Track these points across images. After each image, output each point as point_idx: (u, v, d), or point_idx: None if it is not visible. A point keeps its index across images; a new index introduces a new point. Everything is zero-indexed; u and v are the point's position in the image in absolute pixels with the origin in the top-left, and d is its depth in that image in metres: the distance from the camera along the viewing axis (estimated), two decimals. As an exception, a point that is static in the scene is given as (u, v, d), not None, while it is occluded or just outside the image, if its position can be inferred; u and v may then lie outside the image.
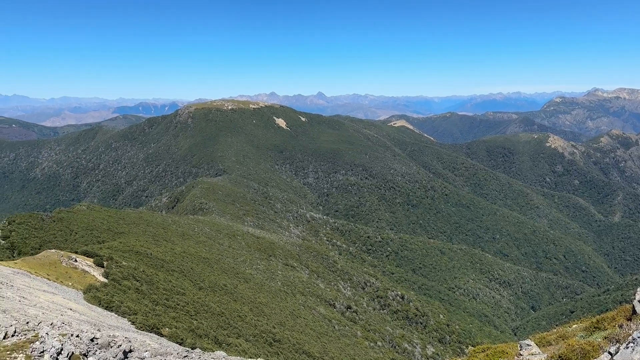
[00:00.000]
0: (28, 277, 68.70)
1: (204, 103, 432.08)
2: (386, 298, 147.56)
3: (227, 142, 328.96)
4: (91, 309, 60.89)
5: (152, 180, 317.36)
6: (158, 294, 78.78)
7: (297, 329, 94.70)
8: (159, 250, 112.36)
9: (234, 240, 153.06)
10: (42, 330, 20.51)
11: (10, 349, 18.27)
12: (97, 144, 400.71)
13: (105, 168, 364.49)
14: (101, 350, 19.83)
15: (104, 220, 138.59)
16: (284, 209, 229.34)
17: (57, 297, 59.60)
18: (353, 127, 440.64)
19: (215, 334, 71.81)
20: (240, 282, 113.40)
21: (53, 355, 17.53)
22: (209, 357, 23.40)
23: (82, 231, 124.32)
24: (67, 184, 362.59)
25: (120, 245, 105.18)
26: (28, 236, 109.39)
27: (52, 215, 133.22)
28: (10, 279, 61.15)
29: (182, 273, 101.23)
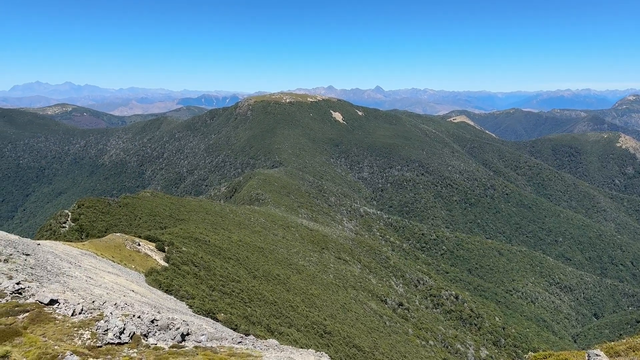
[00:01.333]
0: (94, 258, 72.81)
1: (263, 96, 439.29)
2: (439, 297, 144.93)
3: (284, 134, 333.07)
4: (152, 291, 63.74)
5: (212, 170, 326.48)
6: (215, 280, 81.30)
7: (347, 322, 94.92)
8: (216, 238, 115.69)
9: (288, 232, 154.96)
10: (106, 309, 21.68)
11: (78, 325, 19.47)
12: (162, 134, 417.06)
13: (169, 157, 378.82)
14: (160, 332, 20.71)
15: (166, 207, 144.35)
16: (338, 202, 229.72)
17: (120, 279, 62.83)
18: (410, 122, 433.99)
19: (268, 322, 73.23)
20: (293, 273, 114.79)
21: (116, 334, 18.50)
22: (262, 345, 23.85)
23: (145, 216, 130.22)
24: (132, 171, 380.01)
25: (180, 231, 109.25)
26: (95, 219, 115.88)
27: (118, 201, 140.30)
28: (78, 260, 65.03)
29: (238, 261, 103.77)
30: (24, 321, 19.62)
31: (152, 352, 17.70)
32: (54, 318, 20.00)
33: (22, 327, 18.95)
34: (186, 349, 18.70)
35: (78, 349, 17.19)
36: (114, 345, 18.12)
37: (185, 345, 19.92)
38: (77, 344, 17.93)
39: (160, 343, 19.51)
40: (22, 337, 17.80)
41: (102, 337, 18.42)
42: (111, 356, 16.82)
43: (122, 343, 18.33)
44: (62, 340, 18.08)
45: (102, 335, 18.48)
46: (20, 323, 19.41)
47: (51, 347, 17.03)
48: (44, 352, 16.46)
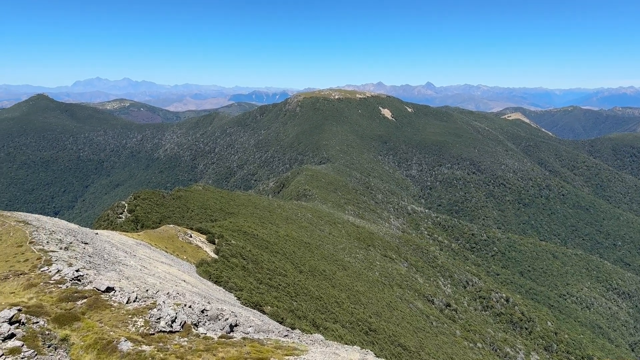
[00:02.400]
0: (149, 248, 75.48)
1: (312, 92, 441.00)
2: (489, 299, 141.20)
3: (332, 130, 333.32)
4: (202, 282, 65.44)
5: (261, 165, 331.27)
6: (262, 273, 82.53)
7: (393, 321, 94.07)
8: (264, 232, 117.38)
9: (335, 228, 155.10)
10: (159, 298, 22.37)
11: (132, 313, 20.19)
12: (214, 129, 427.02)
13: (220, 152, 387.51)
14: (210, 322, 21.18)
15: (217, 201, 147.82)
16: (385, 200, 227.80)
17: (172, 269, 64.85)
18: (462, 119, 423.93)
19: (314, 317, 73.63)
20: (338, 269, 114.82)
21: (168, 323, 19.05)
22: (307, 339, 23.94)
23: (197, 209, 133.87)
24: (186, 164, 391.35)
25: (230, 224, 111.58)
26: (150, 211, 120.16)
27: (171, 193, 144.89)
28: (133, 249, 67.61)
29: (285, 255, 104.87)
30: (82, 307, 20.54)
31: (201, 341, 18.11)
32: (110, 305, 20.83)
33: (80, 312, 19.83)
34: (234, 340, 19.00)
35: (132, 335, 17.82)
36: (166, 333, 18.67)
37: (233, 336, 20.27)
38: (131, 331, 18.59)
39: (210, 333, 19.93)
40: (80, 322, 18.63)
41: (155, 325, 19.01)
42: (163, 344, 17.33)
43: (173, 331, 18.86)
44: (117, 327, 18.80)
45: (155, 323, 19.07)
46: (79, 309, 20.32)
47: (107, 332, 17.73)
48: (100, 337, 17.15)
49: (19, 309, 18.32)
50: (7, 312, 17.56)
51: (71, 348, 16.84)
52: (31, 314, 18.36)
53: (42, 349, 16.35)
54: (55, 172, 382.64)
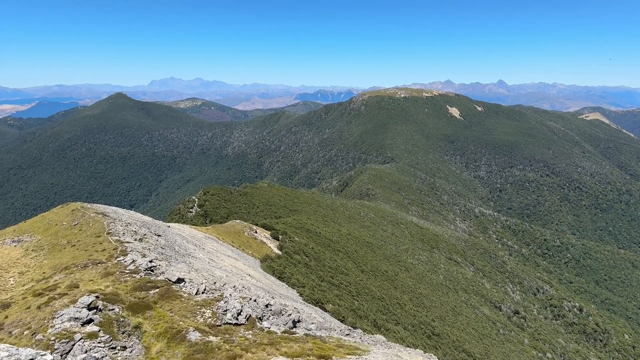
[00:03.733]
0: (216, 242, 78.02)
1: (378, 91, 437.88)
2: (561, 308, 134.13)
3: (397, 130, 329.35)
4: (266, 277, 66.79)
5: (324, 163, 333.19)
6: (324, 271, 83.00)
7: (457, 326, 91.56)
8: (327, 230, 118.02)
9: (398, 228, 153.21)
10: (226, 291, 22.98)
11: (200, 304, 20.86)
12: (280, 128, 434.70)
13: (285, 150, 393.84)
14: (274, 317, 21.48)
15: (281, 198, 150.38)
16: (451, 201, 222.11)
17: (238, 263, 66.65)
18: (536, 118, 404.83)
19: (375, 317, 73.09)
20: (401, 270, 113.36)
21: (234, 315, 19.50)
22: (369, 339, 23.73)
23: (262, 205, 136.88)
24: (252, 162, 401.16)
25: (293, 221, 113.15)
26: (218, 206, 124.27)
27: (238, 190, 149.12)
28: (202, 243, 70.11)
29: (347, 254, 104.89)
30: (154, 296, 21.47)
31: (265, 335, 18.39)
32: (180, 295, 21.64)
33: (152, 301, 20.75)
34: (297, 336, 19.14)
35: (200, 326, 18.40)
36: (232, 325, 19.13)
37: (296, 332, 20.43)
38: (199, 322, 19.22)
39: (273, 327, 20.21)
40: (152, 310, 19.48)
41: (222, 316, 19.53)
42: (229, 335, 17.76)
43: (239, 324, 19.29)
44: (187, 317, 19.49)
45: (222, 315, 19.59)
46: (151, 298, 21.27)
47: (177, 322, 18.42)
48: (171, 327, 17.84)
49: (96, 296, 19.43)
50: (86, 299, 18.68)
51: (143, 335, 17.64)
52: (108, 301, 19.42)
53: (116, 335, 17.24)
54: (131, 167, 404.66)
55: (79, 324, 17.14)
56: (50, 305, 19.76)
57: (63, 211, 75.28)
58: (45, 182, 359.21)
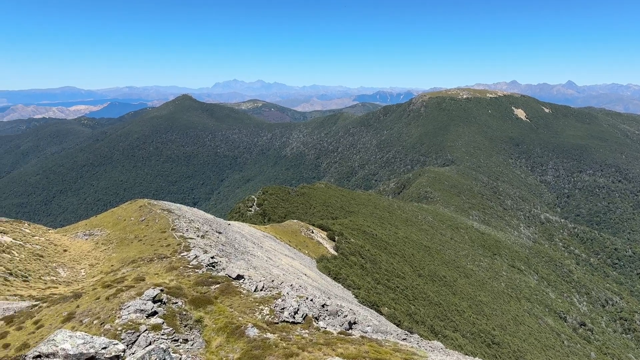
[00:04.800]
0: (274, 241, 79.34)
1: (438, 92, 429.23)
2: (632, 321, 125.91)
3: (458, 132, 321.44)
4: (322, 277, 67.13)
5: (382, 165, 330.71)
6: (380, 274, 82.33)
7: (519, 336, 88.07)
8: (383, 232, 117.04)
9: (457, 233, 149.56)
10: (283, 289, 23.26)
11: (259, 301, 21.24)
12: (338, 129, 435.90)
13: (343, 151, 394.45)
14: (330, 317, 21.51)
15: (338, 199, 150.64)
16: (515, 206, 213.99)
17: (295, 262, 67.43)
18: (608, 121, 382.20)
19: (432, 323, 71.65)
20: (460, 276, 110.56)
21: (291, 314, 19.70)
22: (426, 345, 23.26)
23: (319, 206, 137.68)
24: (310, 163, 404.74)
25: (350, 223, 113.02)
26: (276, 206, 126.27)
27: (296, 190, 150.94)
28: (261, 241, 71.49)
29: (403, 257, 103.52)
30: (215, 292, 22.09)
31: (321, 335, 18.44)
32: (239, 292, 22.13)
33: (213, 296, 21.34)
34: (353, 338, 19.06)
35: (258, 322, 18.73)
36: (289, 323, 19.33)
37: (352, 333, 20.35)
38: (257, 318, 19.56)
39: (329, 328, 20.23)
40: (213, 305, 20.04)
41: (279, 314, 19.78)
42: (286, 333, 17.95)
43: (295, 323, 19.47)
44: (245, 313, 19.90)
45: (279, 313, 19.85)
46: (212, 293, 21.88)
47: (236, 318, 18.84)
48: (230, 322, 18.27)
49: (161, 289, 20.23)
50: (151, 292, 19.48)
51: (204, 329, 18.17)
52: (171, 295, 20.17)
53: (179, 327, 17.86)
54: (195, 166, 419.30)
55: (144, 316, 17.90)
56: (118, 296, 20.79)
57: (131, 207, 79.13)
58: (115, 179, 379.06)
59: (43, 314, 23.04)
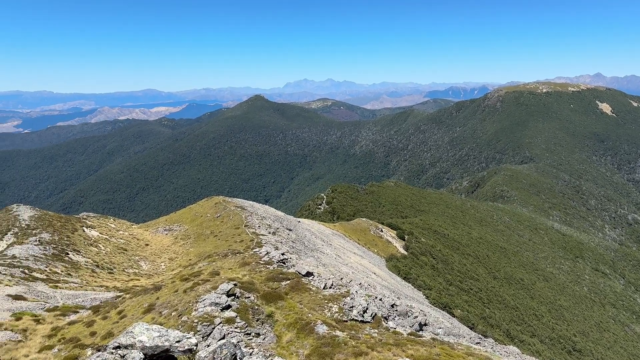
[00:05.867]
0: (343, 239, 79.56)
1: (516, 86, 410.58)
2: None
3: (537, 127, 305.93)
4: (391, 276, 66.46)
5: (454, 163, 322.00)
6: (452, 275, 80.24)
7: (603, 343, 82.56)
8: (455, 233, 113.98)
9: (536, 234, 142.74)
10: (352, 288, 23.24)
11: (328, 298, 21.36)
12: (408, 126, 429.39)
13: (413, 149, 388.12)
14: (400, 318, 21.23)
15: (408, 197, 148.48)
16: (599, 206, 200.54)
17: (364, 260, 67.24)
18: None
19: (508, 327, 68.90)
20: (539, 279, 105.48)
21: (360, 312, 19.65)
22: (502, 350, 22.40)
23: (388, 205, 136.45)
24: (379, 161, 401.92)
25: (420, 222, 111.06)
26: (345, 204, 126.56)
27: (365, 188, 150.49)
28: (330, 239, 71.94)
29: (477, 259, 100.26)
30: (285, 288, 22.49)
31: (391, 335, 18.23)
32: (309, 289, 22.39)
33: (284, 292, 21.74)
34: (424, 339, 18.69)
35: (327, 320, 18.85)
36: (358, 322, 19.30)
37: (422, 335, 19.97)
38: (326, 316, 19.69)
39: (399, 328, 19.98)
40: (283, 301, 20.41)
41: (348, 312, 19.79)
42: (355, 332, 17.93)
43: (364, 322, 19.40)
44: (315, 310, 20.09)
45: (348, 311, 19.86)
46: (283, 289, 22.30)
47: (306, 314, 19.07)
48: (300, 318, 18.52)
49: (234, 283, 20.89)
50: (225, 286, 20.17)
51: (275, 324, 18.55)
52: (244, 290, 20.77)
53: (251, 321, 18.35)
54: (266, 165, 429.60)
55: (219, 309, 18.56)
56: (194, 290, 21.71)
57: (207, 204, 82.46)
58: (193, 177, 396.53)
59: (126, 305, 24.55)
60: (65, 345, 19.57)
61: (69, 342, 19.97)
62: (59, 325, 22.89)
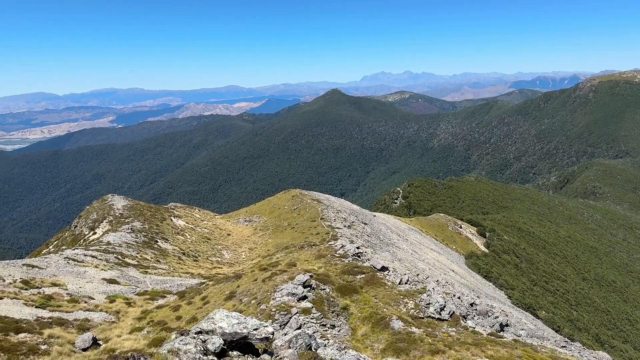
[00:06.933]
0: (419, 234, 78.18)
1: (610, 75, 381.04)
2: None
3: (634, 119, 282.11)
4: (470, 274, 64.42)
5: (541, 157, 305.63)
6: (537, 275, 76.43)
7: None
8: (541, 230, 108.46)
9: (631, 233, 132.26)
10: (429, 284, 22.80)
11: (403, 294, 21.11)
12: (491, 119, 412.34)
13: (496, 142, 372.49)
14: (479, 317, 20.54)
15: (489, 193, 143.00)
16: None
17: (441, 257, 65.69)
18: None
19: (597, 331, 64.64)
20: (633, 282, 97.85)
21: (437, 310, 19.23)
22: (590, 356, 21.04)
23: (468, 200, 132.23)
24: (459, 155, 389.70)
25: (503, 219, 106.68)
26: (422, 198, 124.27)
27: (443, 183, 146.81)
28: (406, 234, 70.99)
29: (565, 258, 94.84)
30: (360, 281, 22.51)
31: (469, 334, 17.69)
32: (384, 283, 22.26)
33: (359, 286, 21.77)
34: (505, 340, 17.97)
35: (403, 315, 18.64)
36: (434, 319, 18.90)
37: (503, 336, 19.20)
38: (402, 311, 19.48)
39: (478, 328, 19.34)
40: (358, 294, 20.44)
41: (424, 309, 19.45)
42: (431, 329, 17.59)
43: (442, 319, 18.96)
44: (390, 305, 19.94)
45: (424, 308, 19.51)
46: (358, 282, 22.33)
47: (380, 309, 18.98)
48: (375, 312, 18.47)
49: (310, 275, 21.22)
50: (302, 277, 20.55)
51: (350, 317, 18.65)
52: (320, 281, 21.05)
53: (327, 313, 18.57)
54: (342, 158, 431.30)
55: (295, 299, 18.95)
56: (272, 279, 22.33)
57: (285, 196, 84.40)
58: (271, 170, 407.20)
59: (209, 292, 25.76)
60: (154, 327, 20.92)
61: (156, 324, 21.33)
62: (148, 308, 24.51)
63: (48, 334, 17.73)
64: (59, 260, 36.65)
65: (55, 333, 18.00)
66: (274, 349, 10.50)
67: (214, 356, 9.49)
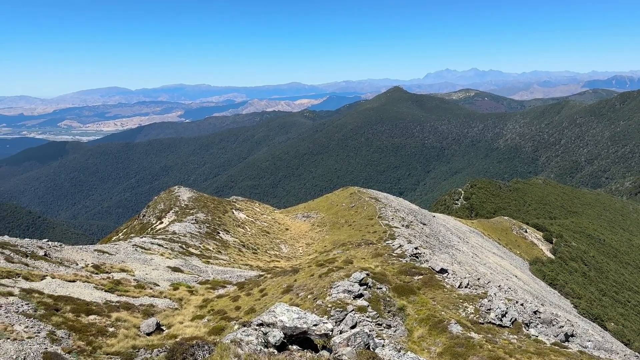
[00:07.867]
0: (481, 237, 75.86)
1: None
2: None
3: None
4: (535, 280, 61.84)
5: (615, 160, 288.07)
6: (607, 285, 72.32)
7: None
8: (613, 238, 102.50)
9: None
10: (490, 289, 22.09)
11: (463, 298, 20.58)
12: (561, 119, 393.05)
13: (566, 144, 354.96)
14: (543, 326, 19.70)
15: (558, 197, 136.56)
16: None
17: (504, 262, 63.45)
18: None
19: (674, 350, 60.15)
20: None
21: (498, 316, 18.62)
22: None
23: (534, 204, 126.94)
24: (526, 156, 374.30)
25: (571, 224, 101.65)
26: (485, 200, 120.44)
27: (508, 185, 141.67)
28: (466, 236, 69.12)
29: (638, 268, 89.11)
30: (417, 282, 22.17)
31: (532, 343, 17.01)
32: (442, 286, 21.80)
33: (416, 287, 21.45)
34: (569, 351, 17.13)
35: (461, 320, 18.18)
36: (495, 325, 18.32)
37: (568, 346, 18.32)
38: (460, 315, 19.00)
39: (542, 337, 18.56)
40: (416, 296, 20.15)
41: (485, 315, 18.88)
42: (491, 335, 17.05)
43: (503, 326, 18.34)
44: (448, 308, 19.50)
45: (485, 314, 18.94)
46: (415, 283, 22.01)
47: (438, 311, 18.61)
48: (432, 315, 18.13)
49: (367, 273, 21.14)
50: (358, 275, 20.51)
51: (406, 318, 18.41)
52: (376, 280, 20.92)
53: (383, 312, 18.43)
54: (402, 157, 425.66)
55: (351, 297, 18.96)
56: (329, 276, 22.44)
57: (343, 194, 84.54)
58: (330, 167, 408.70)
59: (267, 284, 26.27)
60: (214, 316, 21.61)
61: (217, 313, 22.02)
62: (209, 297, 25.35)
63: (115, 317, 18.75)
64: (128, 247, 38.65)
65: (122, 317, 19.01)
66: (332, 345, 10.57)
67: (274, 349, 9.69)
